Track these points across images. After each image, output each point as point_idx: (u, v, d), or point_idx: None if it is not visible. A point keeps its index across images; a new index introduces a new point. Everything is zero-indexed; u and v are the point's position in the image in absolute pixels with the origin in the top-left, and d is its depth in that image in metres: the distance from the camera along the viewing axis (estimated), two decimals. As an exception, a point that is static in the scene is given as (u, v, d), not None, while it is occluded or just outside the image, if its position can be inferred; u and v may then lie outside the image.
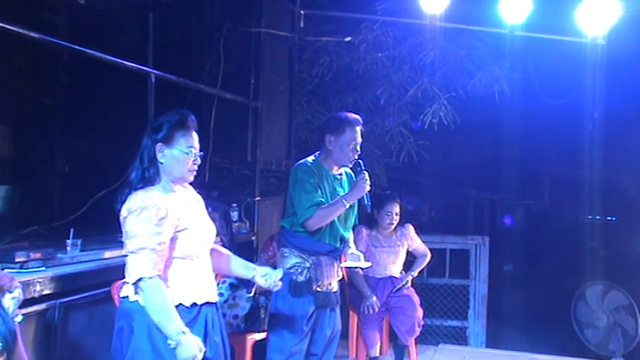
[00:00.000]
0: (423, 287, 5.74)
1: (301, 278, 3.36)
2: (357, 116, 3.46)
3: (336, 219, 3.39)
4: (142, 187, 2.43)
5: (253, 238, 5.15)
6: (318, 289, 3.37)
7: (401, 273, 4.78)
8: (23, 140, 4.29)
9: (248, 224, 5.11)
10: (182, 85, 4.64)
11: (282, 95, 5.60)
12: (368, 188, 3.34)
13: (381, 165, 5.91)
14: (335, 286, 3.49)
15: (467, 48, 5.48)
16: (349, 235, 3.60)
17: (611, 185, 6.60)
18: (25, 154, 4.29)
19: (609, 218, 7.20)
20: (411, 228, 4.82)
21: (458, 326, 5.97)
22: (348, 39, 5.70)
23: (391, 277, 4.71)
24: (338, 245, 3.47)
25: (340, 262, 3.54)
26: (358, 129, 3.41)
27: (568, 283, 6.07)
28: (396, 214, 4.68)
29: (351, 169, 3.50)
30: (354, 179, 3.41)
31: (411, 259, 4.88)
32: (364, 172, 3.36)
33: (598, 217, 7.20)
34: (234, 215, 4.90)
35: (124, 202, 2.41)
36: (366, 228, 4.74)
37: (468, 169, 7.60)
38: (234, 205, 4.94)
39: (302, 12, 5.68)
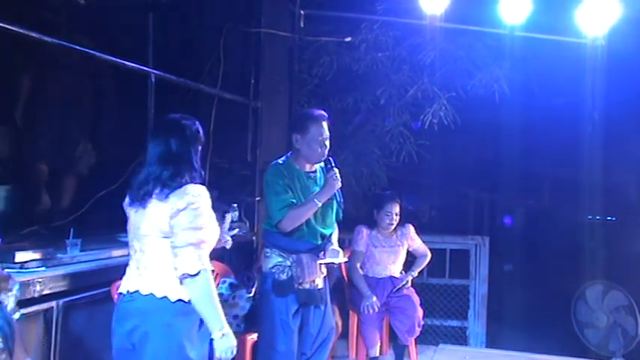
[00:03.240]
0: (423, 287, 5.74)
1: (283, 277, 3.38)
2: (322, 111, 3.47)
3: (312, 218, 3.40)
4: (193, 182, 2.50)
5: (253, 238, 5.16)
6: (300, 287, 3.38)
7: (401, 273, 4.79)
8: (23, 140, 4.29)
9: (248, 224, 5.11)
10: (182, 85, 4.64)
11: (282, 95, 5.60)
12: (339, 185, 3.36)
13: (381, 165, 5.92)
14: (320, 284, 3.49)
15: (467, 48, 5.48)
16: (332, 232, 3.59)
17: (611, 185, 6.60)
18: (25, 154, 4.29)
19: (609, 218, 7.20)
20: (411, 228, 4.82)
21: (458, 326, 5.97)
22: (348, 39, 5.70)
23: (391, 277, 4.72)
24: (319, 243, 3.48)
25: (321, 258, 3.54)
26: (324, 124, 3.41)
27: (568, 283, 6.07)
28: (396, 214, 4.68)
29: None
30: (326, 176, 3.42)
31: (411, 259, 4.89)
32: (334, 169, 3.37)
33: (598, 217, 7.19)
34: (235, 215, 4.90)
35: (170, 192, 2.45)
36: (366, 228, 4.74)
37: (468, 169, 7.59)
38: (234, 205, 4.94)
39: (302, 12, 5.67)
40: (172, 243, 2.46)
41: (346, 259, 3.73)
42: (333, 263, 3.55)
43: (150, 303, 2.47)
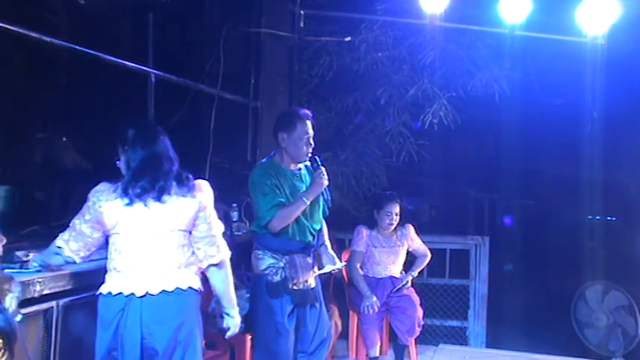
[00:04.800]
0: (423, 287, 5.73)
1: (277, 278, 3.39)
2: (307, 110, 3.53)
3: (301, 215, 3.42)
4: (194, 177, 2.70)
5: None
6: (295, 287, 3.40)
7: (401, 273, 4.79)
8: (23, 140, 4.29)
9: (248, 224, 5.11)
10: (182, 85, 4.64)
11: (282, 95, 5.60)
12: (326, 183, 3.40)
13: (381, 165, 5.91)
14: (312, 283, 3.51)
15: (467, 48, 5.47)
16: (320, 227, 3.62)
17: (611, 185, 6.59)
18: (25, 154, 4.29)
19: (609, 218, 7.19)
20: (411, 228, 4.82)
21: (458, 326, 5.96)
22: (348, 39, 5.69)
23: (391, 277, 4.72)
24: (309, 240, 3.50)
25: (314, 258, 3.55)
26: (309, 123, 3.46)
27: (568, 283, 6.06)
28: (396, 215, 4.68)
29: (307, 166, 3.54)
30: (312, 175, 3.46)
31: (411, 260, 4.88)
32: (321, 167, 3.40)
33: (598, 217, 7.19)
34: (234, 215, 4.90)
35: (191, 188, 2.63)
36: (366, 228, 4.74)
37: (468, 169, 7.59)
38: (234, 205, 4.94)
39: (302, 12, 5.67)
40: (201, 234, 2.65)
41: (344, 264, 3.74)
42: (336, 268, 3.57)
43: (192, 297, 2.61)
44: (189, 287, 2.60)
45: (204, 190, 2.68)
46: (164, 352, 2.54)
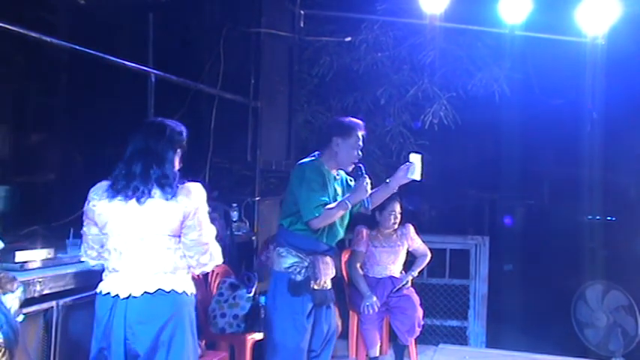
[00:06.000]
0: (423, 287, 5.73)
1: (300, 277, 3.40)
2: (361, 122, 3.58)
3: (336, 219, 3.43)
4: (184, 180, 2.64)
5: (253, 238, 5.15)
6: (316, 287, 3.43)
7: (401, 273, 4.79)
8: (23, 140, 4.29)
9: (248, 224, 5.12)
10: (182, 85, 4.64)
11: (282, 95, 5.60)
12: (370, 191, 3.41)
13: (381, 165, 5.91)
14: (329, 284, 3.56)
15: (467, 48, 5.48)
16: (342, 237, 3.67)
17: (611, 185, 6.59)
18: (25, 154, 4.29)
19: (609, 218, 7.19)
20: (411, 228, 4.82)
21: (458, 326, 5.96)
22: (348, 39, 5.70)
23: (391, 277, 4.72)
24: (334, 245, 3.55)
25: (332, 258, 3.59)
26: (361, 134, 3.51)
27: (568, 283, 6.06)
28: (399, 213, 4.70)
29: (350, 173, 3.56)
30: (357, 182, 3.45)
31: (411, 259, 4.89)
32: (365, 176, 3.41)
33: (598, 217, 7.19)
34: (234, 215, 4.90)
35: (176, 192, 2.56)
36: (366, 228, 4.74)
37: (468, 169, 7.58)
38: (234, 205, 4.94)
39: (302, 12, 5.68)
40: (192, 242, 2.62)
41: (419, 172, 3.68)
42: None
43: (174, 299, 2.58)
44: (173, 289, 2.57)
45: (192, 195, 2.59)
46: (145, 354, 2.54)
